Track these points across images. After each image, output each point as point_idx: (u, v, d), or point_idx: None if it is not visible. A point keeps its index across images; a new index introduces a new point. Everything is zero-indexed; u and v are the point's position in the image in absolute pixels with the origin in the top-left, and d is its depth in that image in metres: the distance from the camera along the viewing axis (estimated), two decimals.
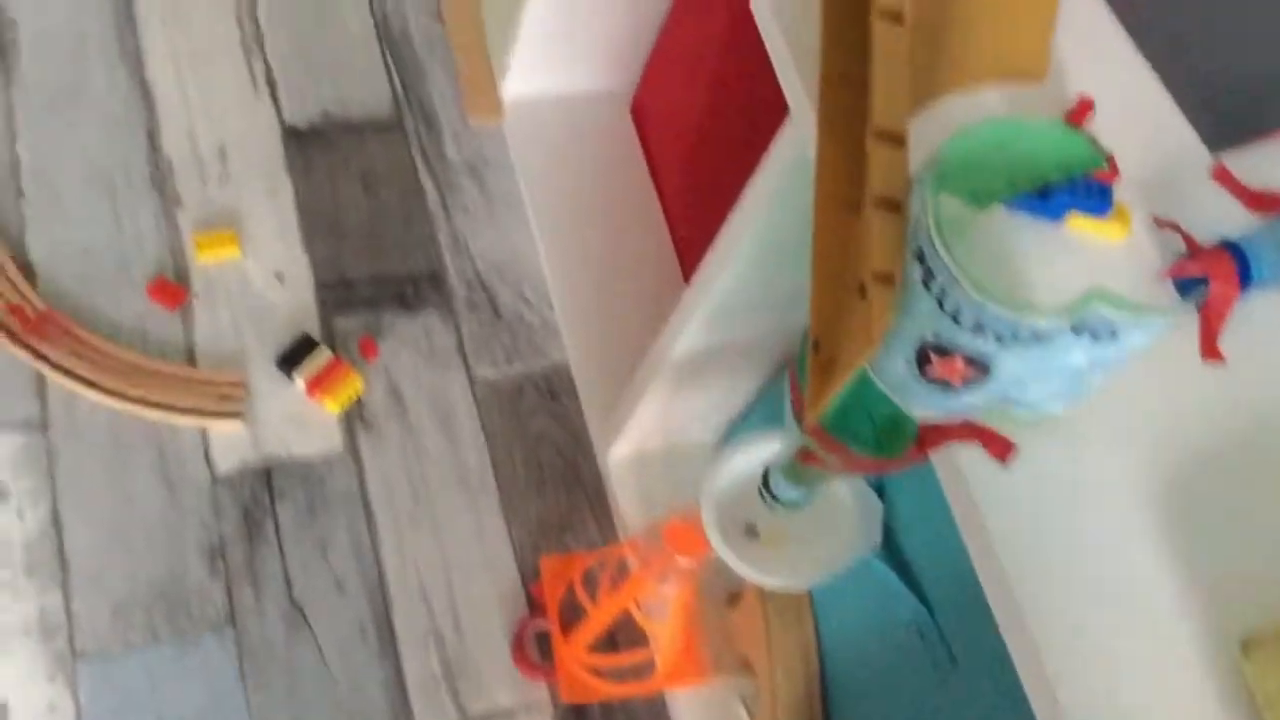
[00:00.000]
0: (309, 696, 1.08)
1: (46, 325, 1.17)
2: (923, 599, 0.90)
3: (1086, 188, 0.73)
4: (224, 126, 1.37)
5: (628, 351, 1.29)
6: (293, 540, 1.15)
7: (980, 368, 0.61)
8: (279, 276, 1.29)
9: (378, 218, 1.36)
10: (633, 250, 1.39)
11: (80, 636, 1.06)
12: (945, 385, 0.63)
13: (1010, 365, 0.61)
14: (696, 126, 1.37)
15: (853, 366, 0.61)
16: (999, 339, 0.59)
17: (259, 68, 1.43)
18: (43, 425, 1.14)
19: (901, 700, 0.95)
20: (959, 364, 0.61)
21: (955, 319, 0.58)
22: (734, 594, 1.16)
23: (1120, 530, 0.65)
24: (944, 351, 0.61)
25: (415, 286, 1.32)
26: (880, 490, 0.95)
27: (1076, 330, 0.59)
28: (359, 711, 1.08)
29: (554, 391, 1.30)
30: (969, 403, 0.64)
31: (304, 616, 1.11)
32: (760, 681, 1.09)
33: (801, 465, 0.80)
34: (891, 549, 0.93)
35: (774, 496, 0.89)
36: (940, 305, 0.59)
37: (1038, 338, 0.59)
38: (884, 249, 0.61)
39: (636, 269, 1.37)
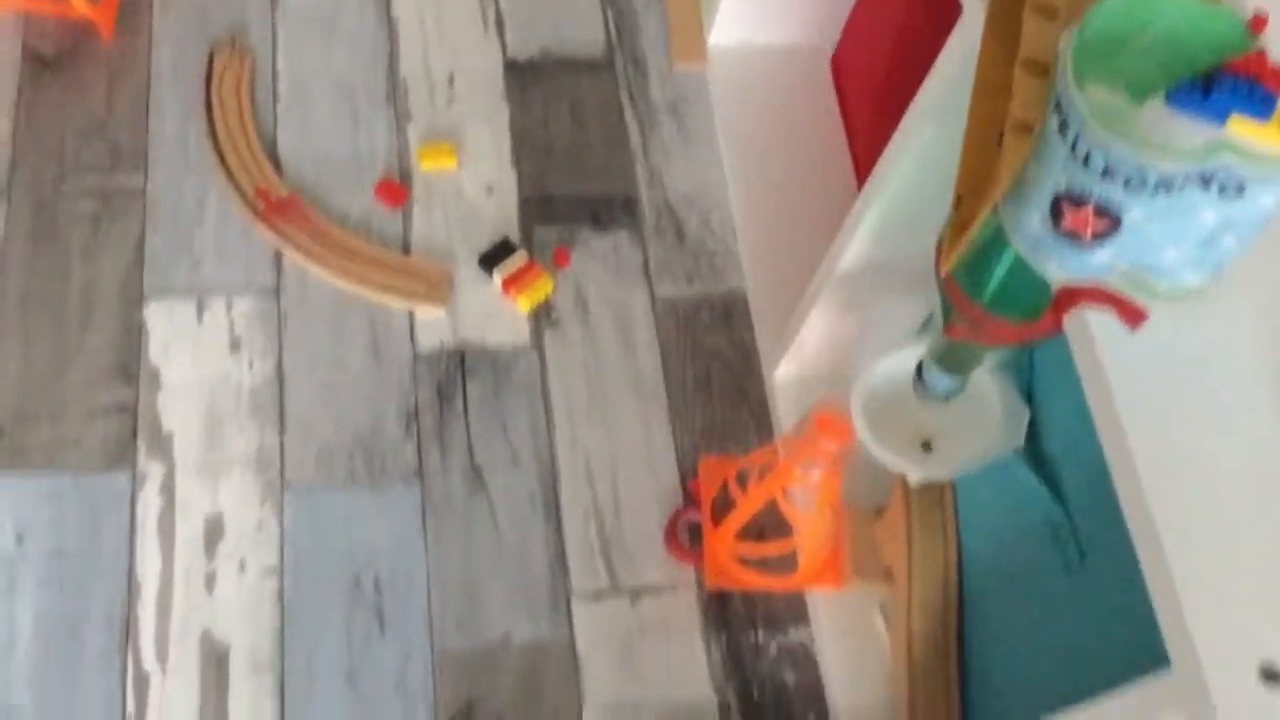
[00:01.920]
0: (480, 548, 1.19)
1: (287, 208, 1.33)
2: (1060, 500, 0.93)
3: (1250, 91, 0.76)
4: (455, 57, 1.51)
5: (803, 283, 1.35)
6: (478, 415, 1.26)
7: (1110, 218, 0.65)
8: (489, 188, 1.41)
9: (582, 146, 1.47)
10: (818, 193, 1.45)
11: (290, 471, 1.20)
12: (1077, 239, 0.67)
13: (1139, 218, 0.65)
14: (890, 81, 1.43)
15: (984, 206, 0.66)
16: (1127, 184, 0.63)
17: (490, 8, 1.56)
18: (276, 292, 1.30)
19: (1030, 599, 0.98)
20: (1089, 214, 0.66)
21: (1086, 163, 0.63)
22: (881, 507, 1.21)
23: (1250, 409, 0.67)
24: (1076, 200, 0.65)
25: (609, 208, 1.42)
26: (1028, 395, 0.98)
27: (1205, 181, 0.63)
28: (523, 566, 1.19)
29: (729, 314, 1.38)
30: (1102, 261, 0.68)
31: (482, 480, 1.23)
32: (899, 592, 1.14)
33: (950, 342, 0.85)
34: (1034, 453, 0.97)
35: (926, 386, 0.94)
36: (1073, 150, 0.63)
37: (1165, 186, 0.63)
38: (1024, 100, 0.66)
39: (820, 211, 1.44)
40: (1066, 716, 0.72)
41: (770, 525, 1.22)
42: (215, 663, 1.10)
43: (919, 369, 0.94)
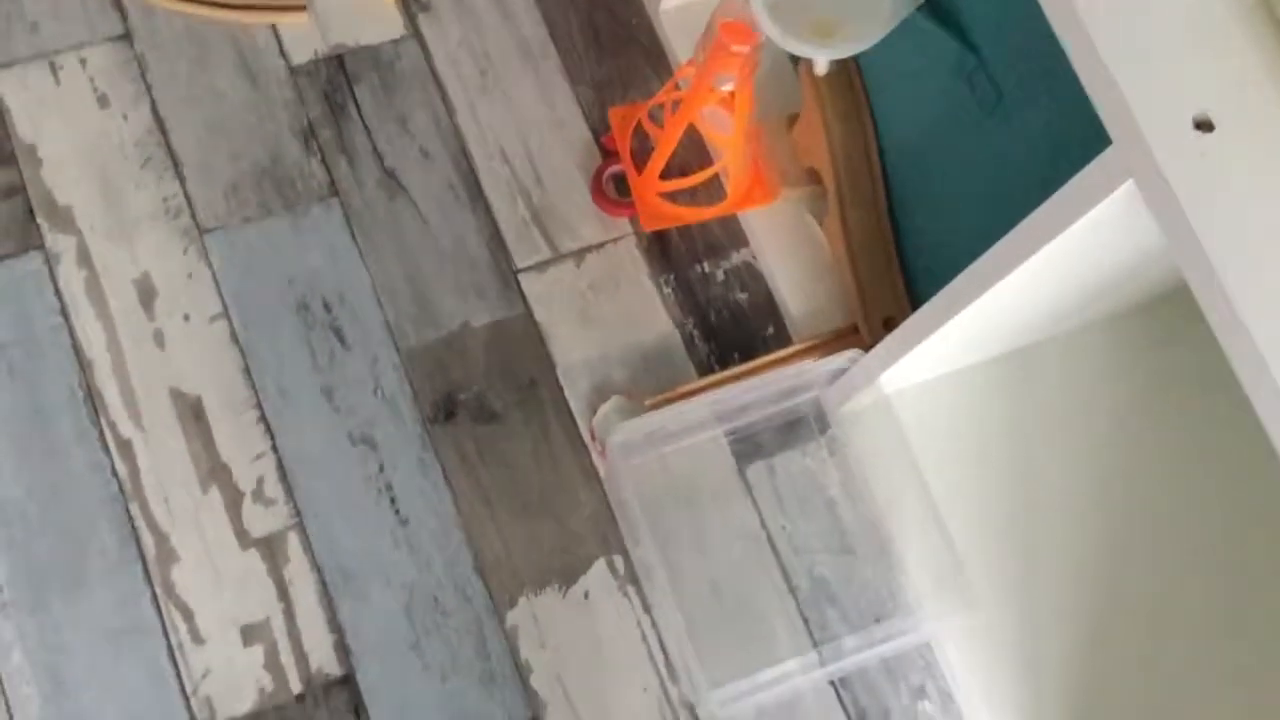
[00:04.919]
0: (415, 248, 1.19)
1: None
2: (969, 44, 0.94)
3: None
4: None
5: None
6: (375, 117, 1.23)
7: None
8: None
9: None
10: None
11: (201, 214, 1.17)
12: None
13: None
14: None
15: None
16: None
17: None
18: (127, 36, 1.22)
19: (956, 151, 1.02)
20: None
21: None
22: (793, 115, 1.22)
23: None
24: None
25: None
26: None
27: None
28: (463, 256, 1.19)
29: None
30: None
31: (398, 182, 1.21)
32: (827, 186, 1.17)
33: None
34: (934, 5, 0.97)
35: None
36: None
37: None
38: None
39: None
40: (1016, 229, 0.76)
41: (690, 161, 1.22)
42: (192, 414, 1.11)
43: None
